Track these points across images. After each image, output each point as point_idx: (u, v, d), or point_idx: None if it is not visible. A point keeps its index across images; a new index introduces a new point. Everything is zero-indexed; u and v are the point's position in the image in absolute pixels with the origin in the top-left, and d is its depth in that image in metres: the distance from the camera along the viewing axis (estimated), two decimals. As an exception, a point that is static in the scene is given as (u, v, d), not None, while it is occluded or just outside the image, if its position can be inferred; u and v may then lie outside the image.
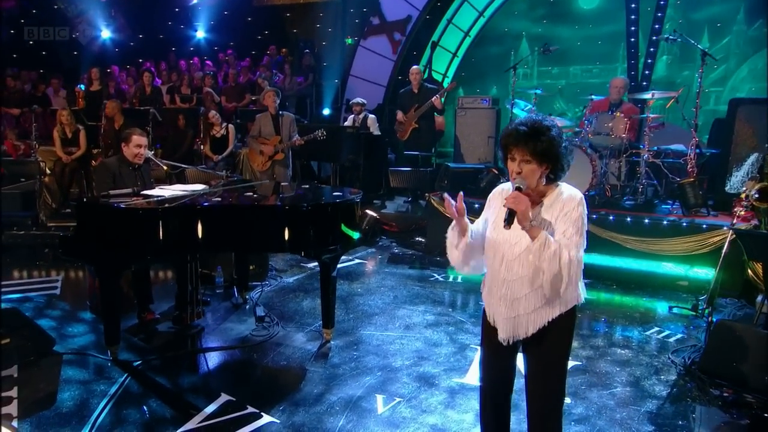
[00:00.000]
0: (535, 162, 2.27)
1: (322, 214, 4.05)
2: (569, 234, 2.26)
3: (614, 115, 6.84)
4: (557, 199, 2.32)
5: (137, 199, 3.97)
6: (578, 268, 2.25)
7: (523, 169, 2.29)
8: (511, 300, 2.39)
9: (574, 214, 2.27)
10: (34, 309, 4.88)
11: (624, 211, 6.43)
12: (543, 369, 2.44)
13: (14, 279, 5.74)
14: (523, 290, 2.35)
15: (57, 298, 5.15)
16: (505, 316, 2.42)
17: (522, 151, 2.27)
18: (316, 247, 4.08)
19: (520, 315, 2.38)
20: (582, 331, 4.76)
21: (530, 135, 2.26)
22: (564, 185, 2.38)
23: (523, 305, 2.37)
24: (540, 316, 2.36)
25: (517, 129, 2.29)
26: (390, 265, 6.59)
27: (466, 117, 9.17)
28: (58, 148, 7.95)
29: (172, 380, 3.75)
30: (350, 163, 8.29)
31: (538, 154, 2.25)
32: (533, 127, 2.28)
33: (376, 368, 3.99)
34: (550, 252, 2.21)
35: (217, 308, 5.09)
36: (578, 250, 2.25)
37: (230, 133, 8.22)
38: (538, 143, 2.25)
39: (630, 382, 3.88)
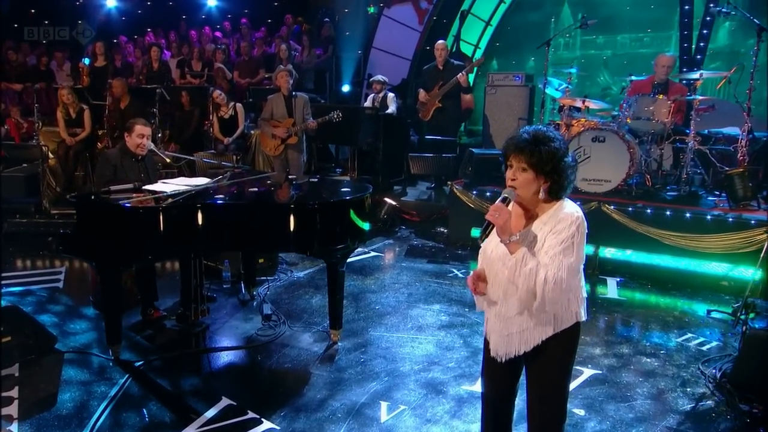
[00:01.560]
0: (531, 171, 2.36)
1: (329, 212, 4.22)
2: (552, 253, 2.33)
3: (656, 98, 6.80)
4: (553, 215, 2.41)
5: (138, 195, 4.20)
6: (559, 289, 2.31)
7: (518, 178, 2.39)
8: (504, 318, 2.53)
9: (565, 233, 2.34)
10: (36, 303, 5.22)
11: (664, 204, 6.45)
12: (541, 390, 2.58)
13: (17, 269, 6.10)
14: (515, 308, 2.48)
15: (60, 292, 5.48)
16: (499, 334, 2.57)
17: (520, 159, 2.37)
18: (324, 247, 4.26)
19: (513, 333, 2.52)
20: (608, 337, 4.87)
21: (530, 143, 2.36)
22: (566, 202, 2.46)
23: (516, 323, 2.50)
24: (532, 336, 2.49)
25: (520, 136, 2.41)
26: (407, 258, 6.76)
27: (497, 95, 9.19)
28: (62, 130, 8.29)
29: (174, 382, 4.02)
30: (369, 146, 8.44)
31: (535, 164, 2.35)
32: (535, 135, 2.38)
33: (383, 373, 4.19)
34: (525, 270, 2.34)
35: (223, 305, 5.35)
36: (561, 271, 2.31)
37: (239, 113, 8.43)
38: (537, 152, 2.34)
39: (652, 395, 3.99)
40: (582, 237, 2.38)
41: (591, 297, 5.83)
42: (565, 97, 7.72)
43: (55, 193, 8.28)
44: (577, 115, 7.49)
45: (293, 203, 4.16)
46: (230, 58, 10.89)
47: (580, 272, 2.49)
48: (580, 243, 2.37)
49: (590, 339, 4.80)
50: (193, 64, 10.89)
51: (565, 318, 2.48)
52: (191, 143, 8.44)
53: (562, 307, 2.46)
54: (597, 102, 7.46)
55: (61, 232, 4.16)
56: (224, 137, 8.29)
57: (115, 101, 8.35)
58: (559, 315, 2.47)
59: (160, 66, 10.16)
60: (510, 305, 2.49)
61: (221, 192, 4.41)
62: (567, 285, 2.34)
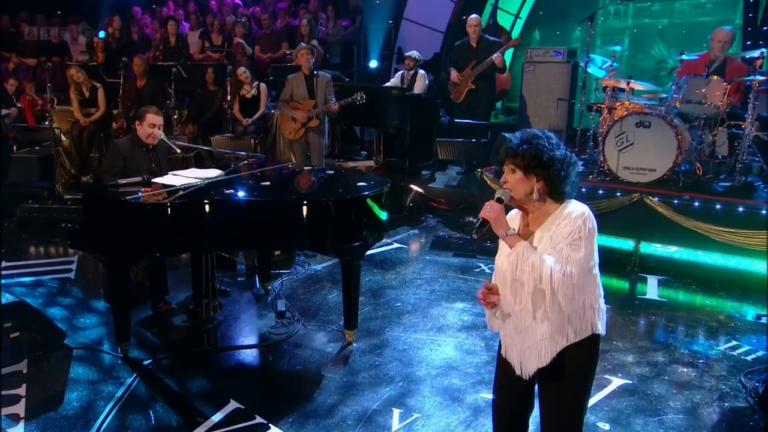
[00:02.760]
0: (519, 171, 2.49)
1: (344, 208, 4.32)
2: (559, 248, 2.43)
3: (709, 79, 6.66)
4: (557, 216, 2.50)
5: (146, 189, 4.36)
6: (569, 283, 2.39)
7: (509, 179, 2.52)
8: (522, 329, 2.60)
9: (569, 227, 2.44)
10: (46, 295, 5.47)
11: (714, 196, 6.37)
12: (555, 408, 2.65)
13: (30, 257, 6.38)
14: (529, 318, 2.56)
15: (71, 283, 5.73)
16: (519, 348, 2.63)
17: (508, 161, 2.52)
18: (338, 245, 4.36)
19: (530, 346, 2.59)
20: (642, 342, 4.88)
21: (518, 144, 2.50)
22: (571, 203, 2.55)
23: (531, 334, 2.57)
24: (547, 348, 2.55)
25: (510, 141, 2.54)
26: (432, 251, 6.82)
27: (535, 73, 9.11)
28: (76, 110, 8.54)
29: (181, 383, 4.20)
30: (395, 129, 8.48)
31: (520, 164, 2.47)
32: (522, 137, 2.52)
33: (397, 377, 4.29)
34: (528, 263, 2.42)
35: (236, 300, 5.52)
36: (570, 264, 2.40)
37: (262, 93, 8.54)
38: (520, 152, 2.47)
39: (685, 409, 4.00)
40: (590, 233, 2.45)
41: (628, 296, 5.84)
42: (608, 77, 7.62)
43: (69, 175, 8.58)
44: (621, 97, 7.39)
45: (306, 199, 4.25)
46: (251, 32, 10.99)
47: (596, 278, 2.55)
48: (588, 238, 2.44)
49: (622, 345, 4.82)
50: (213, 37, 11.04)
51: (580, 328, 2.53)
52: (210, 125, 8.60)
53: (577, 315, 2.51)
54: (643, 83, 7.34)
55: (69, 226, 4.34)
56: (243, 118, 8.41)
57: (131, 80, 8.55)
58: (574, 323, 2.52)
59: (177, 41, 10.32)
60: (524, 313, 2.56)
61: (232, 186, 4.53)
62: (578, 281, 2.41)
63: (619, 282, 6.23)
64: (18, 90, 9.72)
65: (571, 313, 2.50)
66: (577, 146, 8.30)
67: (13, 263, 6.11)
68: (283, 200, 4.32)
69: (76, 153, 8.53)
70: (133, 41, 11.00)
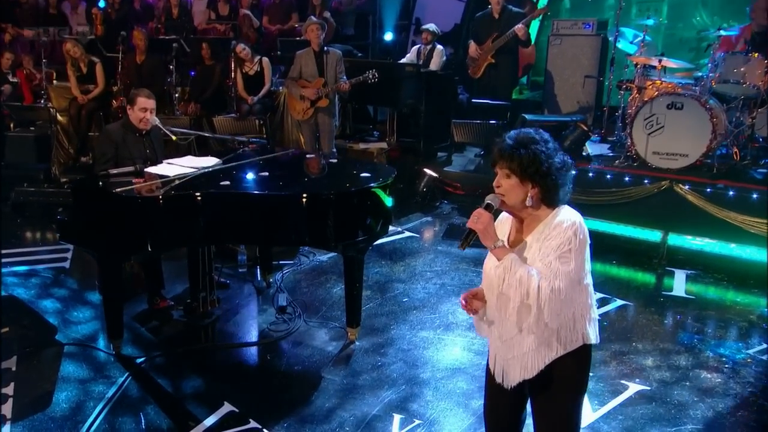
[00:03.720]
0: (515, 177, 2.46)
1: (346, 202, 4.33)
2: (547, 261, 2.43)
3: (749, 56, 6.53)
4: (548, 224, 2.49)
5: (138, 180, 4.39)
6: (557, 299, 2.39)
7: (502, 184, 2.50)
8: (507, 339, 2.61)
9: (559, 238, 2.43)
10: (39, 286, 5.58)
11: (750, 185, 6.30)
12: (548, 422, 2.67)
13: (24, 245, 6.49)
14: (515, 329, 2.56)
15: (65, 273, 5.83)
16: (503, 357, 2.66)
17: (502, 164, 2.48)
18: (341, 241, 4.38)
19: (515, 356, 2.60)
20: (664, 344, 4.85)
21: (513, 147, 2.46)
22: (562, 209, 2.53)
23: (517, 345, 2.58)
24: (534, 360, 2.56)
25: (504, 140, 2.51)
26: (445, 240, 6.82)
27: (562, 47, 8.99)
28: (74, 87, 8.60)
29: (174, 383, 4.28)
30: (409, 108, 8.42)
31: (516, 169, 2.44)
32: (517, 139, 2.49)
33: (400, 380, 4.32)
34: (515, 278, 2.42)
35: (235, 293, 5.58)
36: (558, 279, 2.40)
37: (265, 68, 8.51)
38: (517, 156, 2.43)
39: (707, 419, 3.98)
40: (581, 244, 2.45)
41: (652, 292, 5.80)
42: (638, 54, 7.49)
43: (68, 155, 8.68)
44: (652, 75, 7.26)
45: (305, 192, 4.26)
46: (260, 2, 10.93)
47: (587, 288, 2.55)
48: (578, 250, 2.44)
49: (642, 347, 4.80)
50: (220, 6, 10.99)
51: (570, 339, 2.54)
52: (213, 103, 8.62)
53: (567, 326, 2.52)
54: (677, 61, 7.20)
55: (58, 218, 4.41)
56: (248, 96, 8.41)
57: (131, 56, 8.57)
58: (563, 335, 2.53)
59: (180, 13, 10.31)
60: (509, 324, 2.56)
61: (228, 176, 4.55)
62: (567, 296, 2.42)
63: (644, 276, 6.20)
64: (15, 63, 9.77)
65: (560, 326, 2.50)
66: (604, 127, 8.20)
67: (6, 251, 6.22)
68: (280, 194, 4.33)
69: (75, 132, 8.62)
70: (135, 11, 10.99)
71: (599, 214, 6.68)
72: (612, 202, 6.65)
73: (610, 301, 5.55)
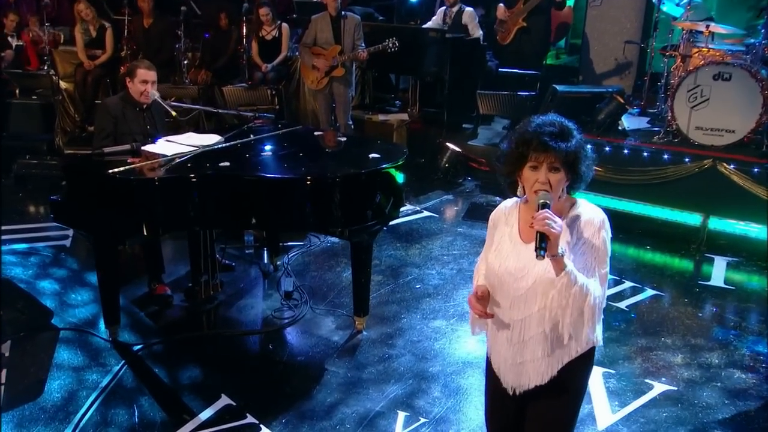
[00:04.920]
0: (563, 170, 2.41)
1: (354, 186, 4.33)
2: (590, 267, 2.43)
3: (805, 22, 6.30)
4: (575, 221, 2.47)
5: (134, 160, 4.43)
6: (600, 308, 2.44)
7: (551, 180, 2.40)
8: (517, 343, 2.58)
9: (595, 241, 2.44)
10: (38, 266, 5.69)
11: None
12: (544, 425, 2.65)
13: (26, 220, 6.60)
14: (530, 332, 2.53)
15: (66, 252, 5.93)
16: (511, 362, 2.62)
17: (550, 157, 2.38)
18: (347, 227, 4.39)
19: (527, 361, 2.58)
20: (695, 340, 4.80)
21: (559, 136, 2.38)
22: (580, 201, 2.52)
23: (530, 349, 2.55)
24: (549, 364, 2.55)
25: (543, 130, 2.40)
26: (466, 221, 6.78)
27: (602, 9, 8.78)
28: (81, 51, 8.66)
29: (171, 372, 4.35)
30: (433, 77, 8.33)
31: (568, 161, 2.39)
32: (562, 126, 2.42)
33: (408, 374, 4.35)
34: (575, 289, 2.36)
35: (240, 276, 5.64)
36: (604, 287, 2.45)
37: (284, 34, 8.48)
38: (568, 146, 2.38)
39: (736, 424, 3.94)
40: (609, 243, 2.48)
41: (688, 281, 5.74)
42: (684, 18, 7.27)
43: (74, 122, 8.77)
44: (699, 42, 7.06)
45: (310, 176, 4.25)
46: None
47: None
48: (608, 250, 2.48)
49: (671, 342, 4.76)
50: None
51: (583, 341, 2.53)
52: (226, 71, 8.62)
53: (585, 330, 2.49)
54: (726, 27, 6.99)
55: (51, 199, 4.48)
56: (263, 63, 8.38)
57: (137, 19, 8.59)
58: (580, 340, 2.51)
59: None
60: (524, 327, 2.54)
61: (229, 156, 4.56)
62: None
63: (680, 263, 6.13)
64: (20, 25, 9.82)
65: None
66: (644, 98, 8.03)
67: (7, 227, 6.34)
68: (282, 177, 4.32)
69: (81, 99, 8.69)
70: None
71: (634, 194, 6.60)
72: (648, 182, 6.54)
73: (640, 290, 5.49)
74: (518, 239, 2.57)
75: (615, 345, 4.69)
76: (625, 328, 4.95)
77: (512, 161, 2.47)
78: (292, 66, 8.72)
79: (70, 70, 8.92)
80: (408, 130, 8.37)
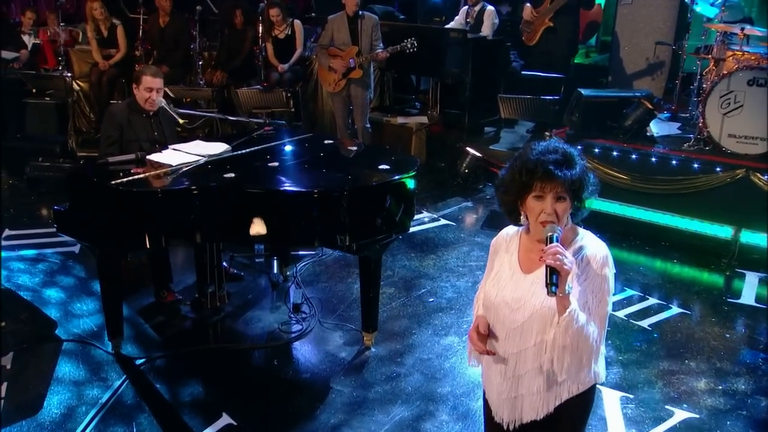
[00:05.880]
0: (568, 198, 2.38)
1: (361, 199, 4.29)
2: (591, 305, 2.40)
3: None
4: (578, 253, 2.43)
5: (137, 170, 4.44)
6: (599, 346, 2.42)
7: (557, 210, 2.37)
8: (511, 377, 2.54)
9: (598, 279, 2.41)
10: (46, 273, 5.75)
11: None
12: None
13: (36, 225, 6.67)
14: (526, 366, 2.49)
15: (74, 259, 5.97)
16: (505, 396, 2.58)
17: (556, 186, 2.35)
18: (355, 241, 4.34)
19: (523, 395, 2.54)
20: (721, 363, 4.69)
21: (564, 164, 2.35)
22: (583, 232, 2.49)
23: (526, 384, 2.52)
24: (544, 401, 2.51)
25: (547, 158, 2.37)
26: (485, 230, 6.72)
27: (633, 7, 8.64)
28: (95, 51, 8.74)
29: (173, 388, 4.36)
30: (454, 79, 8.26)
31: (573, 189, 2.36)
32: (565, 153, 2.39)
33: (415, 395, 4.30)
34: (576, 328, 2.32)
35: (249, 286, 5.65)
36: (604, 327, 2.43)
37: (297, 31, 8.46)
38: (573, 173, 2.35)
39: (759, 457, 3.85)
40: (612, 280, 2.44)
41: (716, 299, 5.62)
42: (718, 20, 7.12)
43: (89, 122, 8.86)
44: (734, 44, 6.91)
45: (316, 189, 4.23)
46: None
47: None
48: (611, 288, 2.44)
49: (695, 365, 4.65)
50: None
51: (583, 380, 2.49)
52: (242, 71, 8.63)
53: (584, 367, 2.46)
54: (762, 29, 6.82)
55: (54, 209, 4.51)
56: (278, 63, 8.38)
57: (153, 18, 8.64)
58: (580, 376, 2.48)
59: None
60: (520, 360, 2.50)
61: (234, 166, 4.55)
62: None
63: (709, 278, 6.01)
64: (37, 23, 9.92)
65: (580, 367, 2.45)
66: (675, 102, 7.89)
67: (16, 232, 6.43)
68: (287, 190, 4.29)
69: (95, 100, 8.78)
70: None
71: (662, 204, 6.49)
72: (677, 192, 6.42)
73: (665, 308, 5.40)
74: (518, 269, 2.53)
75: (635, 367, 4.60)
76: (647, 348, 4.85)
77: (514, 190, 2.44)
78: (309, 67, 8.71)
79: (86, 70, 9.00)
80: (427, 133, 8.32)
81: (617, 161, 6.66)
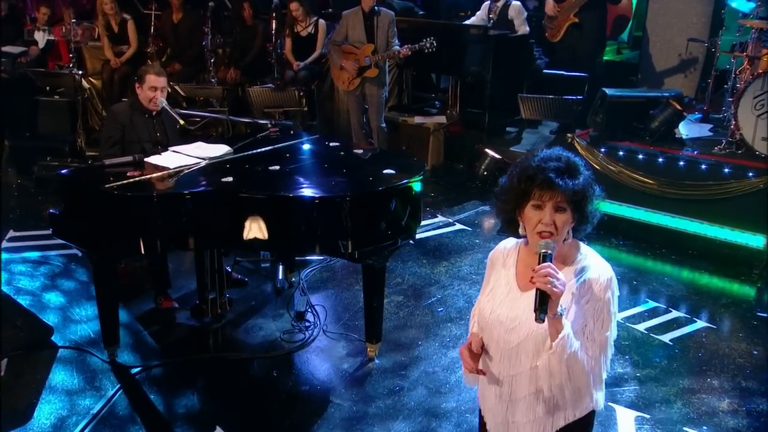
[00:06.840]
0: (569, 210, 2.32)
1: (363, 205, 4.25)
2: (589, 330, 2.34)
3: None
4: (579, 274, 2.37)
5: (134, 173, 4.42)
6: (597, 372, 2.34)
7: (556, 221, 2.31)
8: (507, 400, 2.49)
9: (599, 303, 2.34)
10: (47, 276, 5.78)
11: None
12: None
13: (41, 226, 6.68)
14: (521, 390, 2.45)
15: (77, 262, 5.99)
16: (501, 419, 2.54)
17: (556, 195, 2.29)
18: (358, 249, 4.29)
19: (518, 421, 2.49)
20: (747, 382, 4.57)
21: (566, 172, 2.30)
22: (586, 250, 2.43)
23: (522, 410, 2.47)
24: (543, 426, 2.46)
25: (548, 165, 2.31)
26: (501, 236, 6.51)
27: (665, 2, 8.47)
28: (107, 48, 8.81)
29: (167, 399, 4.34)
30: (474, 77, 8.16)
31: (575, 200, 2.30)
32: (568, 161, 2.33)
33: (418, 410, 4.24)
34: (569, 355, 2.27)
35: (252, 292, 5.61)
36: (600, 351, 2.34)
37: (320, 31, 8.44)
38: (575, 183, 2.29)
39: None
40: (616, 303, 2.38)
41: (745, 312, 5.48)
42: (753, 16, 6.94)
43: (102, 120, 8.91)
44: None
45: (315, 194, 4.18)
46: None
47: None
48: (614, 312, 2.37)
49: (718, 384, 4.52)
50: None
51: (582, 407, 2.44)
52: (255, 68, 8.63)
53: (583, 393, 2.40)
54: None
55: (50, 213, 4.51)
56: (295, 61, 8.35)
57: (165, 14, 8.67)
58: (578, 403, 2.42)
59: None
60: (515, 385, 2.45)
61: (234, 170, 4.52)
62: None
63: (739, 289, 5.86)
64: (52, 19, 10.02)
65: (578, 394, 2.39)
66: (707, 102, 7.71)
67: (21, 233, 6.48)
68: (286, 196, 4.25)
69: (107, 97, 8.83)
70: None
71: (689, 211, 6.35)
72: (706, 198, 6.27)
73: (689, 321, 5.26)
74: (515, 285, 2.48)
75: (653, 385, 4.49)
76: (667, 365, 4.72)
77: (513, 198, 2.39)
78: (325, 65, 8.67)
79: (99, 67, 9.07)
80: (446, 133, 8.22)
81: (643, 165, 6.53)
